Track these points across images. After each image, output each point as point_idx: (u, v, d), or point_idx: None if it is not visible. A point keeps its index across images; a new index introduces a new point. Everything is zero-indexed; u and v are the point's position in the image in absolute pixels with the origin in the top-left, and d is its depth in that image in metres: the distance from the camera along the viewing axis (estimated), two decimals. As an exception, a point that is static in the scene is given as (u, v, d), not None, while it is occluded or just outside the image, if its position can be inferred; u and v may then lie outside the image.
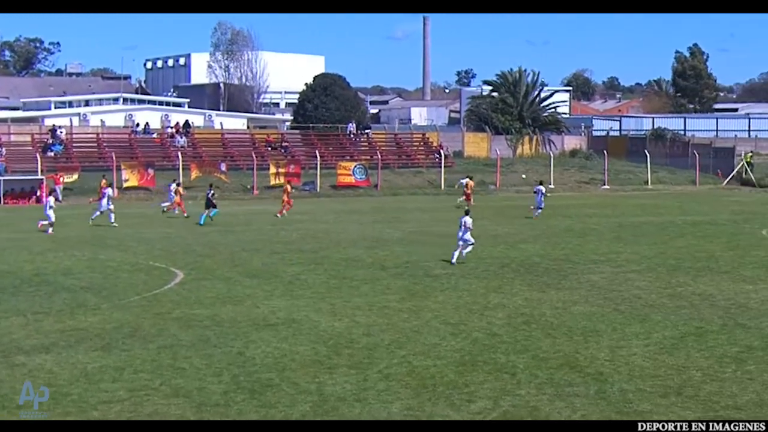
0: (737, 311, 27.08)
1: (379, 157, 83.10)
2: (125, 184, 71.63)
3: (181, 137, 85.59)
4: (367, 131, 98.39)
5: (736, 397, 18.53)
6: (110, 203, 51.06)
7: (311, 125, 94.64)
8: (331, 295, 29.57)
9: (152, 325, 24.96)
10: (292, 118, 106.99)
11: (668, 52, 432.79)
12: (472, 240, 37.04)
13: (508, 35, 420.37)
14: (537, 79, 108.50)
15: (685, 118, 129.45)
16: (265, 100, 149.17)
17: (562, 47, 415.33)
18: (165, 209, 56.10)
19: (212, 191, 55.52)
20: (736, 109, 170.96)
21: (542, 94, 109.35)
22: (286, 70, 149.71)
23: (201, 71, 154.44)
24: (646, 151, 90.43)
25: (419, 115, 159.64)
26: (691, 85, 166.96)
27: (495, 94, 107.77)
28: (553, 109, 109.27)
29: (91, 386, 19.11)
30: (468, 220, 36.83)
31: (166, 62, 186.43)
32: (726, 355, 21.84)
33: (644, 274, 33.94)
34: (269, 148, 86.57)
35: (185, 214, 54.92)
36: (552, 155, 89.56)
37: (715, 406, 18.00)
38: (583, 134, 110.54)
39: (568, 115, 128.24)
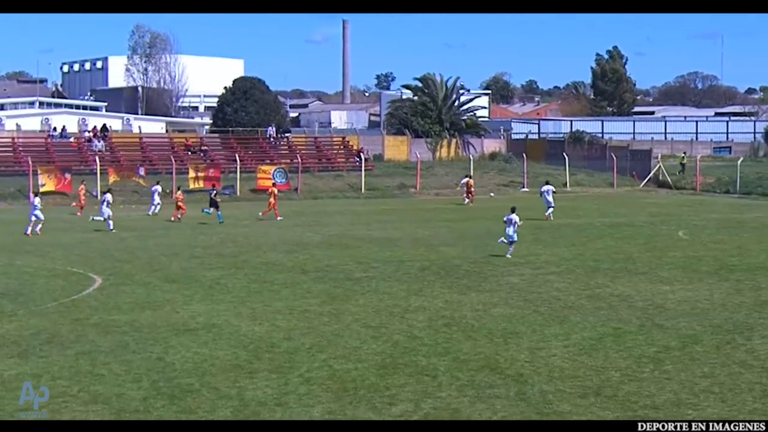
0: (654, 312, 27.40)
1: (299, 160, 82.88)
2: (42, 189, 70.58)
3: (99, 141, 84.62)
4: (286, 135, 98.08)
5: (654, 397, 18.74)
6: (109, 209, 50.42)
7: (231, 129, 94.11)
8: (251, 299, 29.43)
9: (70, 332, 24.64)
10: (211, 121, 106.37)
11: (585, 56, 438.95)
12: (515, 238, 39.01)
13: (427, 38, 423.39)
14: (455, 83, 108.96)
15: (602, 121, 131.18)
16: (184, 104, 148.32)
17: (480, 50, 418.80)
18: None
19: (215, 191, 57.72)
20: (652, 112, 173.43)
21: (462, 98, 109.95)
22: (205, 73, 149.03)
23: (119, 75, 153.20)
24: (564, 153, 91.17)
25: (339, 119, 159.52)
26: (610, 89, 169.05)
27: (415, 97, 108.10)
28: (472, 113, 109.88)
29: (8, 393, 18.80)
30: (515, 216, 38.81)
31: (83, 65, 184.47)
32: (644, 356, 22.08)
33: (563, 275, 34.22)
34: (188, 152, 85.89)
35: (174, 219, 55.35)
36: (472, 158, 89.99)
37: (633, 406, 18.19)
38: (502, 137, 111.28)
39: (487, 119, 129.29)
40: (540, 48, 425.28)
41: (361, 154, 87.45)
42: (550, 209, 55.43)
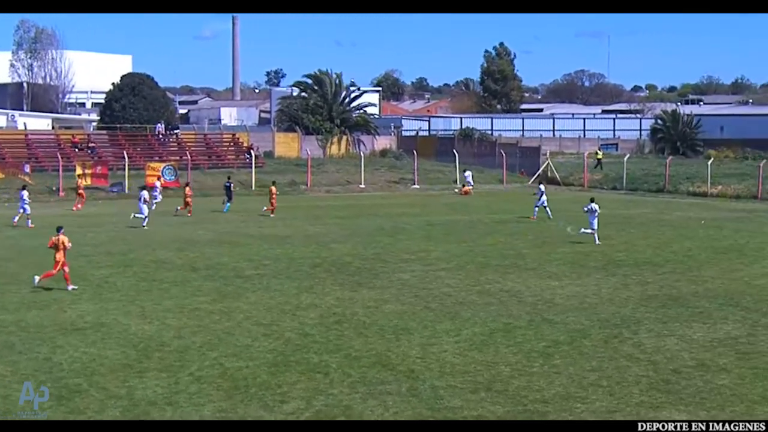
0: (544, 307, 27.72)
1: (189, 157, 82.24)
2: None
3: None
4: (176, 131, 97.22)
5: (543, 391, 18.95)
6: (146, 205, 51.14)
7: (119, 125, 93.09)
8: (140, 297, 29.11)
9: (-47, 332, 24.15)
10: (98, 118, 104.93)
11: (474, 53, 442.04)
12: (596, 226, 43.04)
13: (317, 36, 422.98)
14: (340, 80, 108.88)
15: (492, 118, 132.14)
16: (71, 100, 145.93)
17: (370, 48, 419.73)
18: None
19: (231, 183, 62.29)
20: (541, 110, 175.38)
21: (352, 95, 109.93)
22: (92, 69, 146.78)
23: (3, 70, 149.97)
24: (454, 150, 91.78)
25: (229, 116, 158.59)
26: (498, 86, 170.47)
27: (305, 94, 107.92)
28: (362, 110, 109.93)
29: None
30: (595, 205, 43.32)
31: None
32: (533, 350, 22.33)
33: (454, 272, 34.44)
34: (75, 149, 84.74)
35: (189, 214, 56.02)
36: (362, 155, 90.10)
37: (523, 400, 18.38)
38: (392, 134, 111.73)
39: (377, 116, 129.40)
40: (429, 46, 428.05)
41: (252, 151, 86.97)
42: (538, 208, 54.83)
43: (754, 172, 76.51)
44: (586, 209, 43.45)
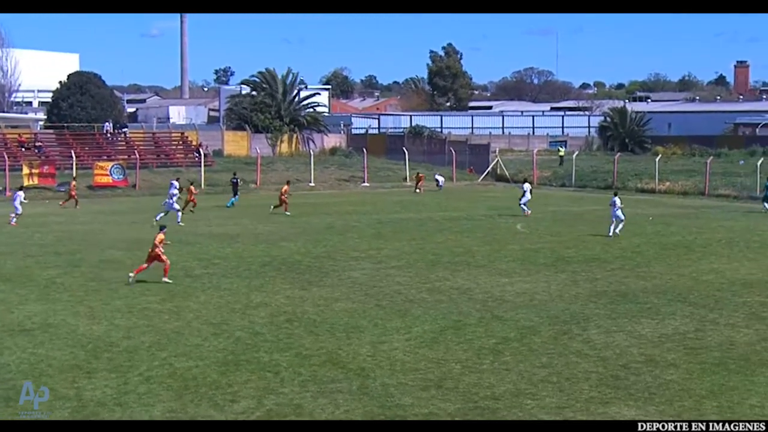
0: (494, 304, 27.81)
1: (137, 156, 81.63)
2: None
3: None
4: (124, 130, 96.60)
5: (493, 388, 19.02)
6: (174, 202, 52.49)
7: (66, 124, 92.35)
8: (89, 298, 28.91)
9: None
10: (45, 117, 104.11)
11: (423, 50, 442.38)
12: (623, 216, 44.38)
13: (265, 34, 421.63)
14: (295, 78, 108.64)
15: (441, 116, 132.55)
16: (17, 99, 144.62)
17: (319, 46, 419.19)
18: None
19: (237, 179, 64.85)
20: (490, 107, 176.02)
21: (301, 93, 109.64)
22: (38, 67, 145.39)
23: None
24: (404, 148, 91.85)
25: (178, 114, 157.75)
26: (447, 85, 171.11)
27: (254, 93, 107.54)
28: (312, 108, 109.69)
29: None
30: (618, 200, 44.76)
31: None
32: (484, 347, 22.39)
33: (404, 269, 34.46)
34: (22, 149, 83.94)
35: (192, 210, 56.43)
36: (312, 153, 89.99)
37: (474, 397, 18.43)
38: (342, 132, 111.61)
39: (327, 114, 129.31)
40: (378, 43, 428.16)
41: (201, 149, 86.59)
42: (524, 207, 54.77)
43: (701, 169, 77.26)
44: (610, 203, 45.39)
